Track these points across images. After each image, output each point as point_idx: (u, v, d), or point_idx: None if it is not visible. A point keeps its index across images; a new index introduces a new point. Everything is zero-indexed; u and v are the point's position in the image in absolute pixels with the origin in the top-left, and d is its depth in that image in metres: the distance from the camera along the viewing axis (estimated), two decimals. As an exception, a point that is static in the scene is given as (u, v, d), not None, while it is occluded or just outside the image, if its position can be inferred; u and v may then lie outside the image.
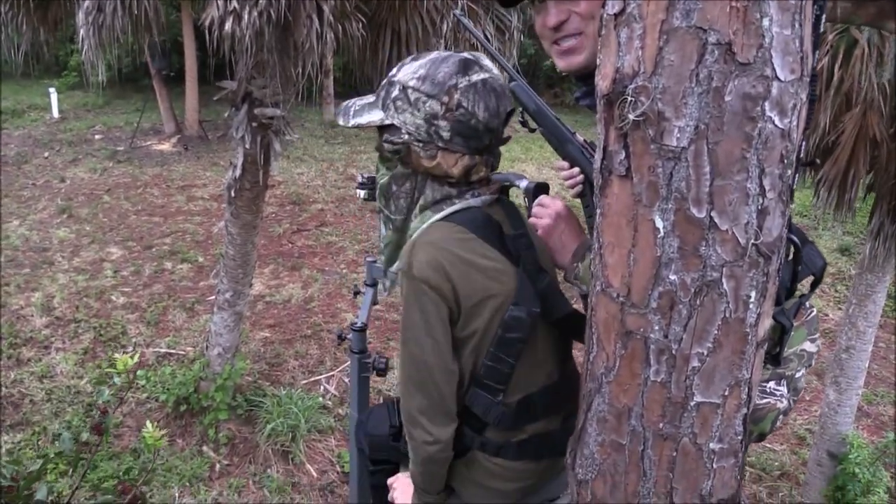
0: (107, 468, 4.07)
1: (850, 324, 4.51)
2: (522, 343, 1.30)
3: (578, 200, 1.46)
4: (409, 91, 1.30)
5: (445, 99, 1.28)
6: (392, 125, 1.33)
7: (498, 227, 1.36)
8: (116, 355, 1.43)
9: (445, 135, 1.30)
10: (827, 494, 4.57)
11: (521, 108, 1.43)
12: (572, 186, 1.45)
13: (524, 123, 1.46)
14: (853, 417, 4.70)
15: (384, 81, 1.37)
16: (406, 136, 1.32)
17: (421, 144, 1.31)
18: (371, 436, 1.59)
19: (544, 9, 1.32)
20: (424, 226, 1.34)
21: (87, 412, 4.66)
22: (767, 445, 5.20)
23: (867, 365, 4.65)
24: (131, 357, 1.46)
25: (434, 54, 1.35)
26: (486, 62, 1.36)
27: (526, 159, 11.11)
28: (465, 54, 1.34)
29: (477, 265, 1.29)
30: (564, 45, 1.32)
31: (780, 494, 4.82)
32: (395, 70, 1.36)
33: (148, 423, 1.56)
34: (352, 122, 1.37)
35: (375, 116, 1.35)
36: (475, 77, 1.31)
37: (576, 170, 1.42)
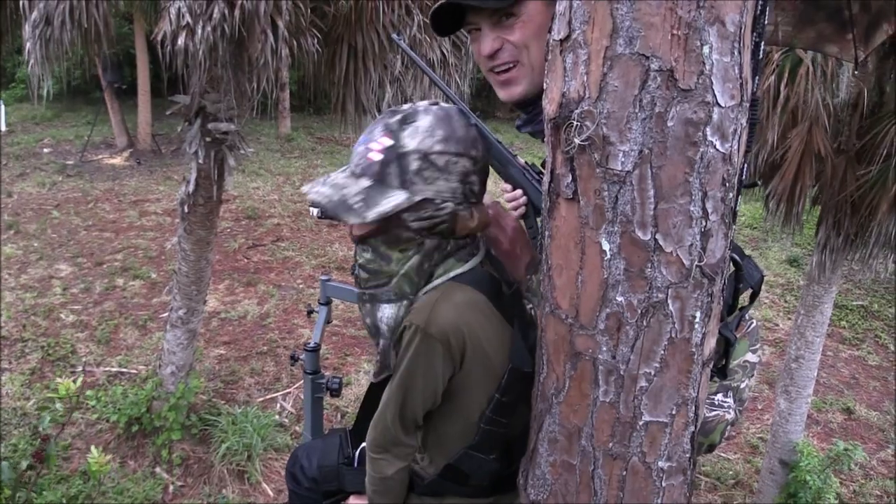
0: (56, 492, 3.95)
1: (798, 334, 4.61)
2: (518, 403, 1.26)
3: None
4: (435, 157, 1.21)
5: (473, 153, 1.25)
6: (423, 201, 1.22)
7: (498, 285, 1.32)
8: (59, 379, 1.39)
9: (477, 188, 1.27)
10: (779, 502, 4.67)
11: None
12: (515, 209, 1.46)
13: None
14: (803, 425, 4.81)
15: (381, 158, 1.22)
16: (448, 205, 1.23)
17: (462, 207, 1.25)
18: (322, 466, 1.58)
19: (479, 37, 1.32)
20: (435, 283, 1.27)
21: (33, 435, 4.51)
22: (722, 455, 5.29)
23: (816, 374, 4.77)
24: (74, 381, 1.42)
25: (427, 114, 1.25)
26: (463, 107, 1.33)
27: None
28: (449, 105, 1.30)
29: (488, 332, 1.25)
30: (503, 76, 1.32)
31: (735, 503, 4.89)
32: (390, 140, 1.22)
33: (93, 449, 1.52)
34: (372, 215, 1.18)
35: (399, 198, 1.20)
36: (472, 124, 1.30)
37: (518, 192, 1.43)
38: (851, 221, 4.12)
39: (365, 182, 1.21)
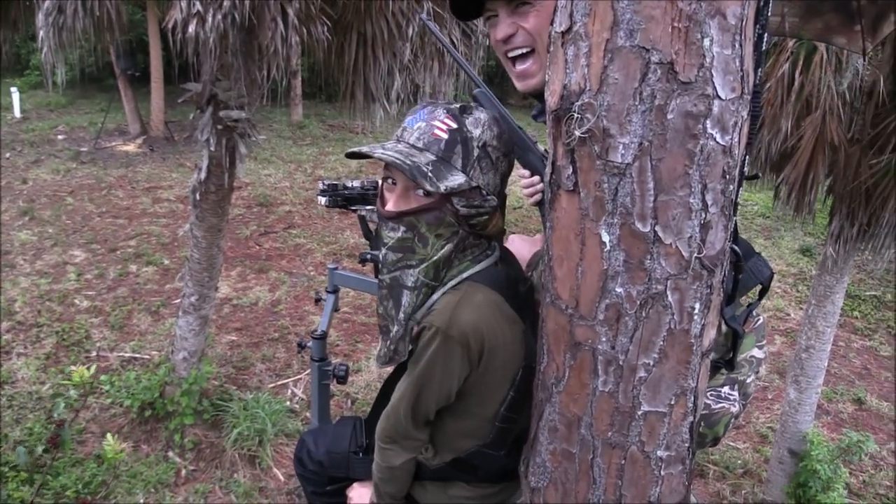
0: (70, 475, 4.01)
1: (809, 324, 4.60)
2: (527, 398, 1.26)
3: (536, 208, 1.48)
4: (491, 150, 1.23)
5: (512, 157, 1.30)
6: (475, 188, 1.22)
7: (515, 284, 1.33)
8: (73, 367, 1.41)
9: (504, 191, 1.31)
10: (788, 491, 4.66)
11: None
12: (532, 195, 1.48)
13: None
14: (813, 415, 4.80)
15: (447, 137, 1.21)
16: (493, 199, 1.25)
17: (498, 205, 1.27)
18: (331, 452, 1.61)
19: (496, 23, 1.35)
20: (454, 283, 1.26)
21: (48, 419, 4.58)
22: (730, 444, 5.29)
23: (826, 364, 4.75)
24: (88, 369, 1.44)
25: (479, 111, 1.27)
26: None
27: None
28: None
29: (506, 333, 1.25)
30: (519, 67, 1.36)
31: (744, 492, 4.90)
32: (454, 123, 1.22)
33: (108, 436, 1.54)
34: (444, 187, 1.17)
35: (460, 178, 1.20)
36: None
37: (536, 178, 1.44)
38: (864, 211, 4.08)
39: (430, 156, 1.21)
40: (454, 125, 1.22)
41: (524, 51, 1.34)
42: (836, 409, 5.89)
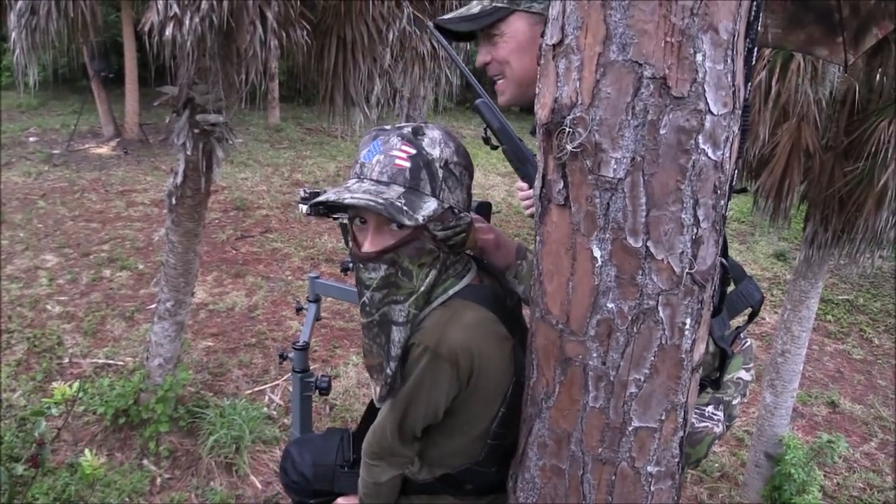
0: (42, 485, 3.93)
1: (785, 329, 4.64)
2: (517, 413, 1.25)
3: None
4: (453, 167, 1.22)
5: (471, 167, 1.30)
6: (448, 209, 1.21)
7: (503, 300, 1.31)
8: (54, 384, 1.37)
9: (471, 203, 1.32)
10: (764, 494, 4.71)
11: (484, 126, 1.44)
12: (528, 207, 1.48)
13: (486, 140, 1.46)
14: (789, 419, 4.85)
15: (409, 165, 1.18)
16: (465, 215, 1.24)
17: (471, 219, 1.26)
18: (317, 465, 1.58)
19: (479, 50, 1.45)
20: (441, 300, 1.25)
21: (20, 427, 4.49)
22: (708, 448, 5.31)
23: (801, 368, 4.81)
24: (70, 386, 1.40)
25: (430, 128, 1.24)
26: None
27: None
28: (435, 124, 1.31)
29: (495, 351, 1.23)
30: (496, 85, 1.45)
31: (720, 496, 4.93)
32: (413, 149, 1.19)
33: (87, 452, 1.50)
34: (422, 218, 1.14)
35: (433, 205, 1.18)
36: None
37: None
38: (839, 217, 4.14)
39: (398, 188, 1.17)
40: (413, 151, 1.19)
41: (497, 76, 1.43)
42: (810, 412, 5.96)
